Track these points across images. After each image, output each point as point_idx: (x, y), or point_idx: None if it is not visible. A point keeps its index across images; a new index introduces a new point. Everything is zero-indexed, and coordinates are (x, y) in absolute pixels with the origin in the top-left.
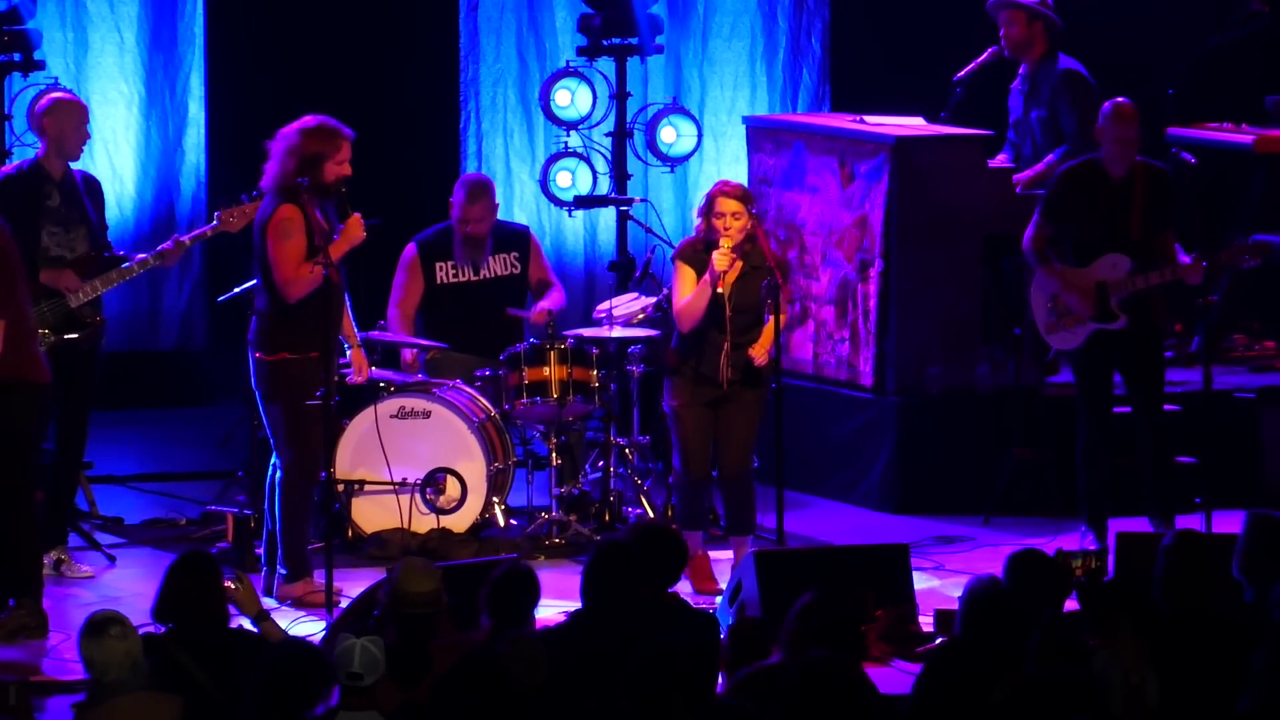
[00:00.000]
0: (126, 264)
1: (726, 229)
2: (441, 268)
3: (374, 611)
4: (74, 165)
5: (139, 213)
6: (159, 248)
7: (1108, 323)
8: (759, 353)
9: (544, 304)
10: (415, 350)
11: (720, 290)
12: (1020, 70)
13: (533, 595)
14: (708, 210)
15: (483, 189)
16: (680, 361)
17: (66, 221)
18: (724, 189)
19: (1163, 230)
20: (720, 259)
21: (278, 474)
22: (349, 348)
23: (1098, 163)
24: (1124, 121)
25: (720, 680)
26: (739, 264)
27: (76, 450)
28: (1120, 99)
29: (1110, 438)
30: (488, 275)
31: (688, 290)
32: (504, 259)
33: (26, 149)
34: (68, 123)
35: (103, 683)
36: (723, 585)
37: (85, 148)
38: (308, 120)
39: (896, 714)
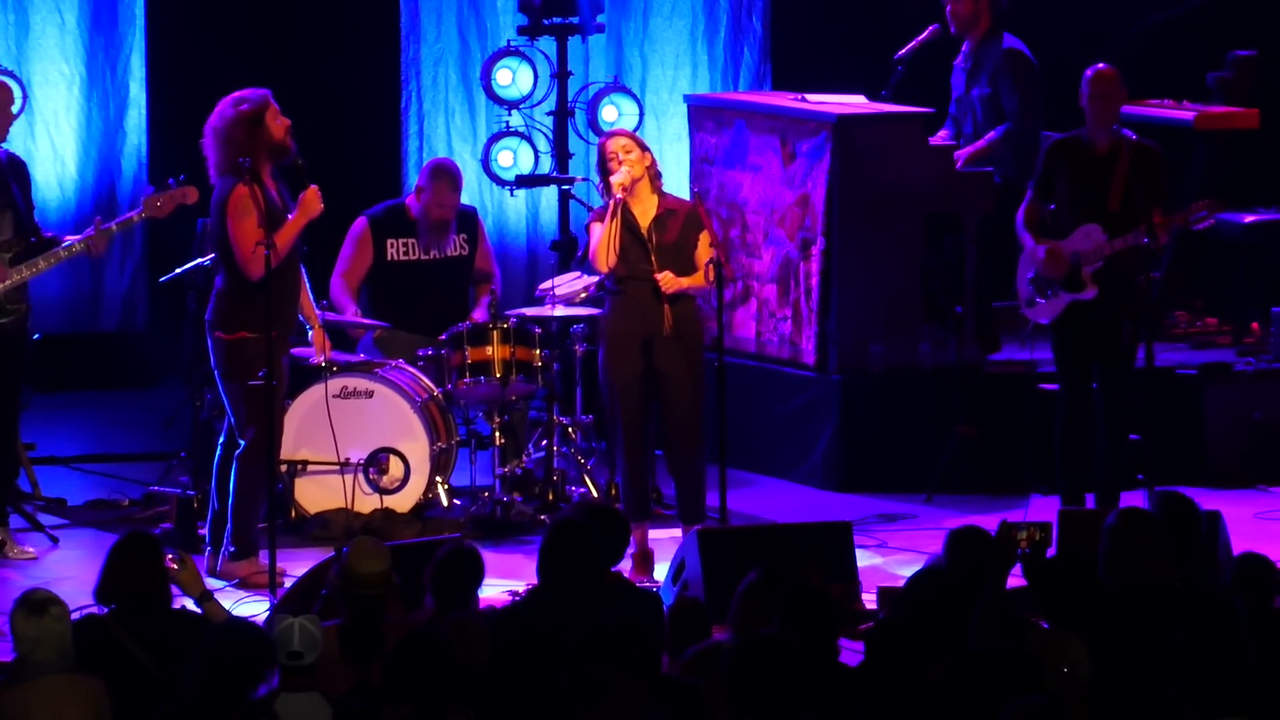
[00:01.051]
0: (53, 250)
1: (622, 162)
2: (393, 245)
3: (321, 591)
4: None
5: (80, 193)
6: (84, 234)
7: (1077, 292)
8: (666, 277)
9: (479, 312)
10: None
11: (619, 197)
12: (963, 48)
13: (476, 575)
14: (601, 164)
15: (458, 176)
16: (610, 318)
17: None
18: (610, 135)
19: (1151, 205)
20: (617, 176)
21: (226, 453)
22: (310, 328)
23: (1081, 137)
24: (1101, 80)
25: (663, 660)
26: (634, 174)
27: (8, 435)
28: (1100, 64)
29: (1087, 419)
30: (438, 255)
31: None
32: (456, 240)
33: None
34: None
35: (30, 660)
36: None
37: (26, 129)
38: (223, 102)
39: (856, 689)
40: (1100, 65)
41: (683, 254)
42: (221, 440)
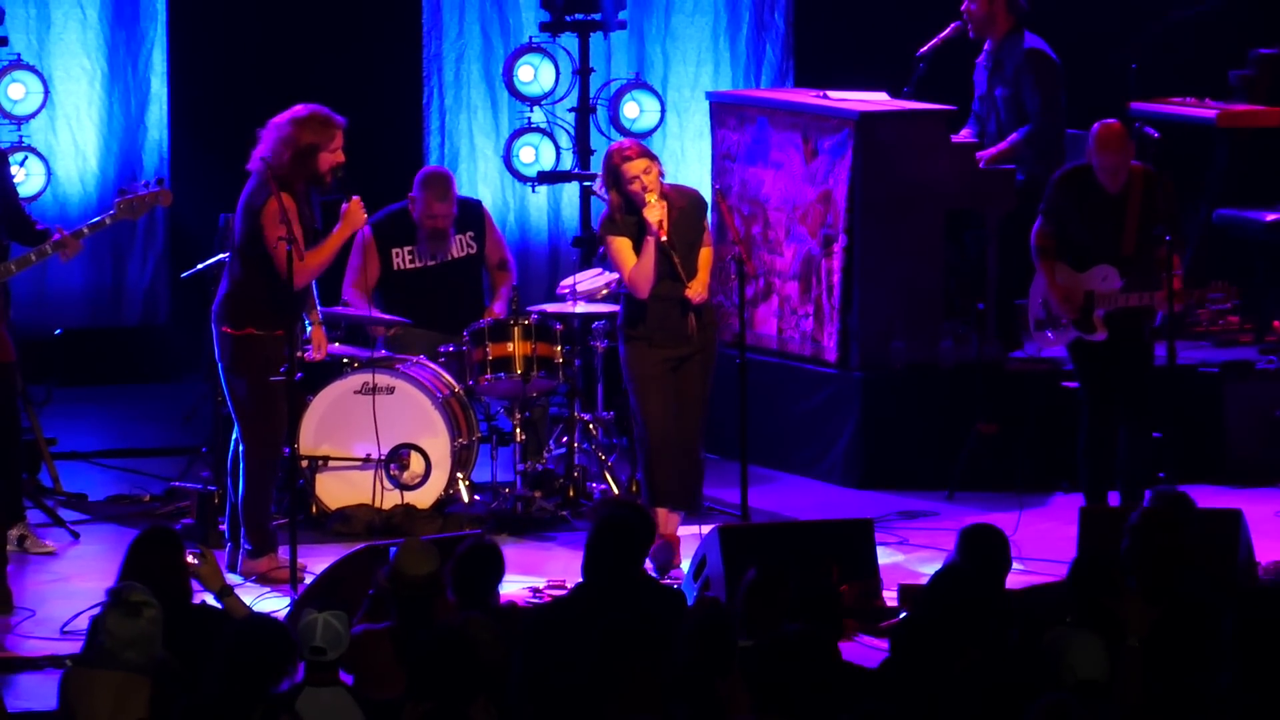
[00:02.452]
0: (24, 255)
1: (645, 187)
2: (398, 254)
3: (369, 591)
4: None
5: (102, 188)
6: (55, 237)
7: (1088, 333)
8: (696, 289)
9: (499, 305)
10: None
11: (663, 239)
12: (985, 46)
13: (497, 571)
14: (615, 181)
15: (447, 184)
16: (635, 325)
17: None
18: (625, 154)
19: (1159, 242)
20: (652, 211)
21: (241, 449)
22: (310, 324)
23: (1092, 171)
24: (1108, 149)
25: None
26: (664, 204)
27: (12, 431)
28: (1108, 120)
29: (1113, 432)
30: (444, 259)
31: (632, 258)
32: (460, 240)
33: None
34: None
35: (117, 657)
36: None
37: (48, 123)
38: (299, 110)
39: (863, 688)
40: (1108, 123)
41: (695, 248)
42: (236, 435)
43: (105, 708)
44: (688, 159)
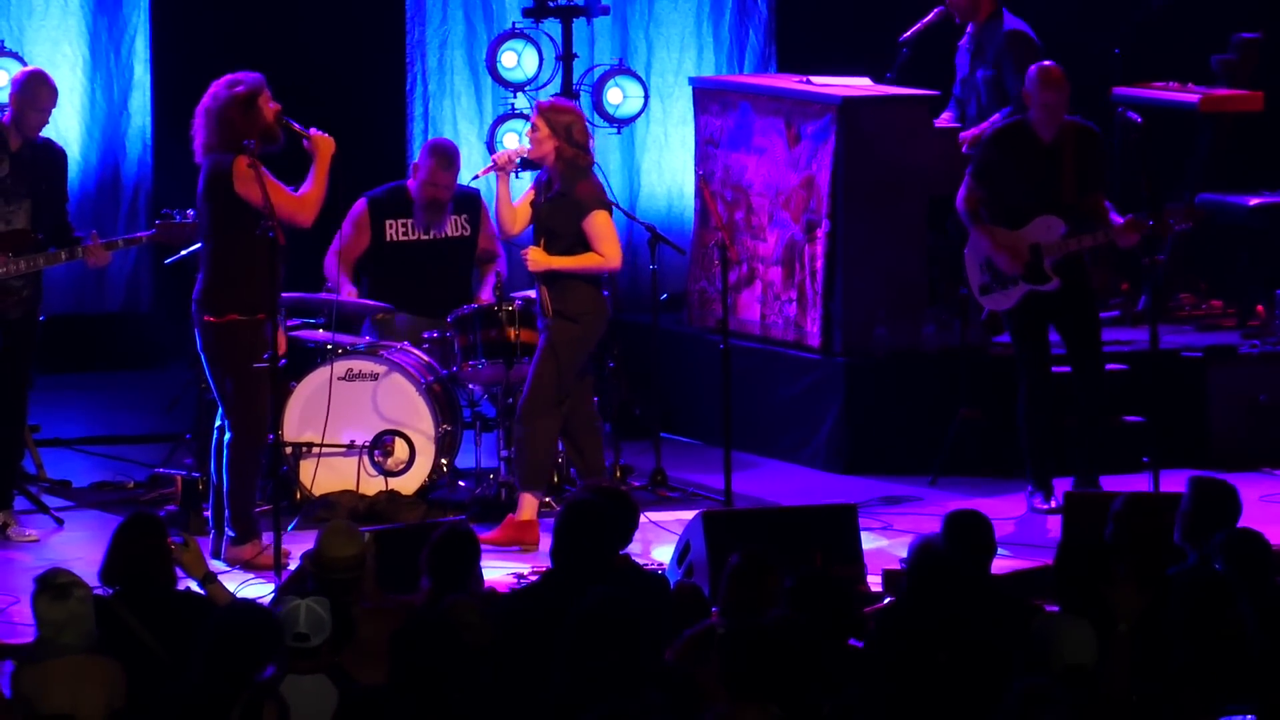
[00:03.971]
0: (55, 251)
1: (533, 138)
2: (392, 225)
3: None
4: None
5: (84, 175)
6: (86, 243)
7: (1040, 284)
8: (530, 252)
9: (485, 292)
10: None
11: (537, 204)
12: (967, 30)
13: (473, 556)
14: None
15: (454, 156)
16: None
17: (10, 194)
18: (536, 102)
19: (1094, 190)
20: (498, 156)
21: (225, 436)
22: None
23: (1026, 124)
24: (1051, 86)
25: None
26: (508, 156)
27: (17, 418)
28: (1047, 62)
29: (1050, 396)
30: (438, 235)
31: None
32: (455, 220)
33: None
34: (30, 99)
35: (54, 642)
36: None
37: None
38: (216, 83)
39: (845, 673)
40: (1048, 64)
41: (566, 239)
42: (219, 422)
43: (62, 697)
44: (671, 145)
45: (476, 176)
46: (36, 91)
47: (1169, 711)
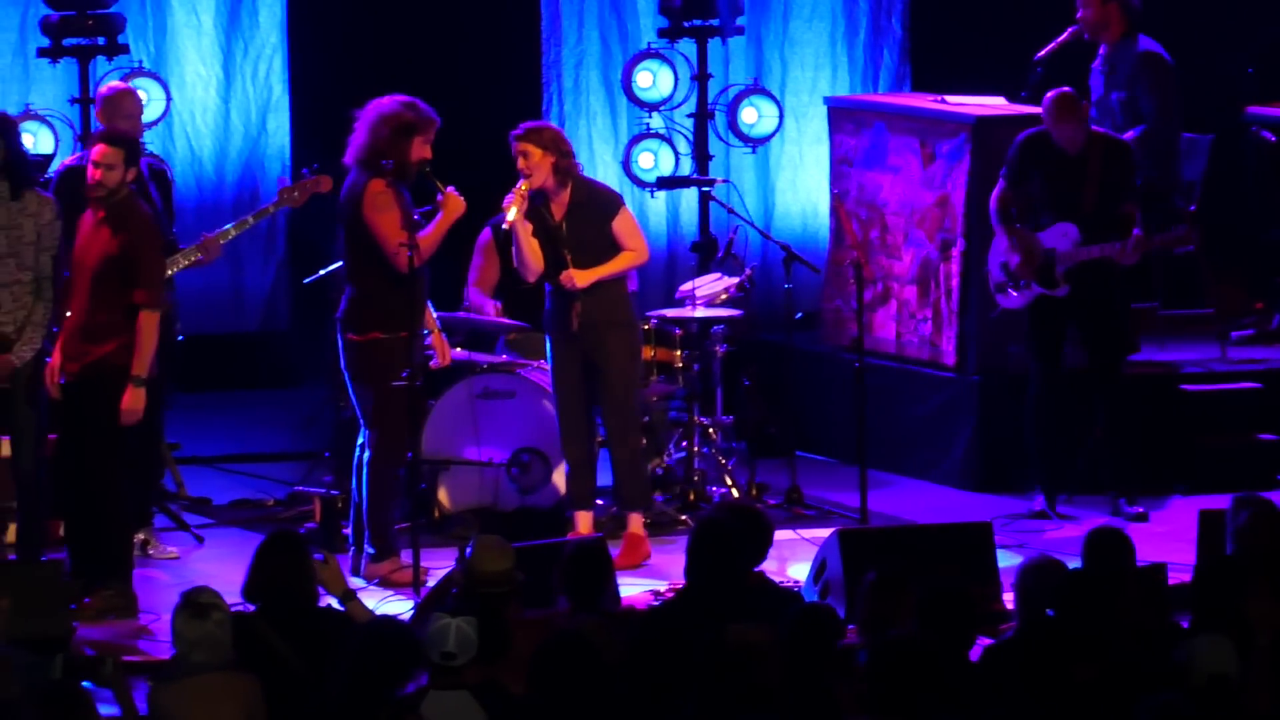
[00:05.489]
0: (172, 257)
1: (522, 171)
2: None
3: (452, 590)
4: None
5: (219, 195)
6: (202, 239)
7: (1049, 289)
8: (567, 275)
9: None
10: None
11: (553, 225)
12: (1100, 50)
13: (606, 572)
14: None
15: None
16: (546, 320)
17: None
18: (513, 133)
19: (1121, 202)
20: (508, 205)
21: (365, 454)
22: (429, 334)
23: (1052, 134)
24: (1060, 118)
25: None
26: (518, 202)
27: (155, 434)
28: (1063, 89)
29: (1056, 402)
30: None
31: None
32: None
33: None
34: (117, 113)
35: (187, 659)
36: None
37: (165, 131)
38: (397, 98)
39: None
40: (1063, 92)
41: (596, 246)
42: (361, 440)
43: (198, 715)
44: (805, 164)
45: (505, 229)
46: (120, 102)
47: None
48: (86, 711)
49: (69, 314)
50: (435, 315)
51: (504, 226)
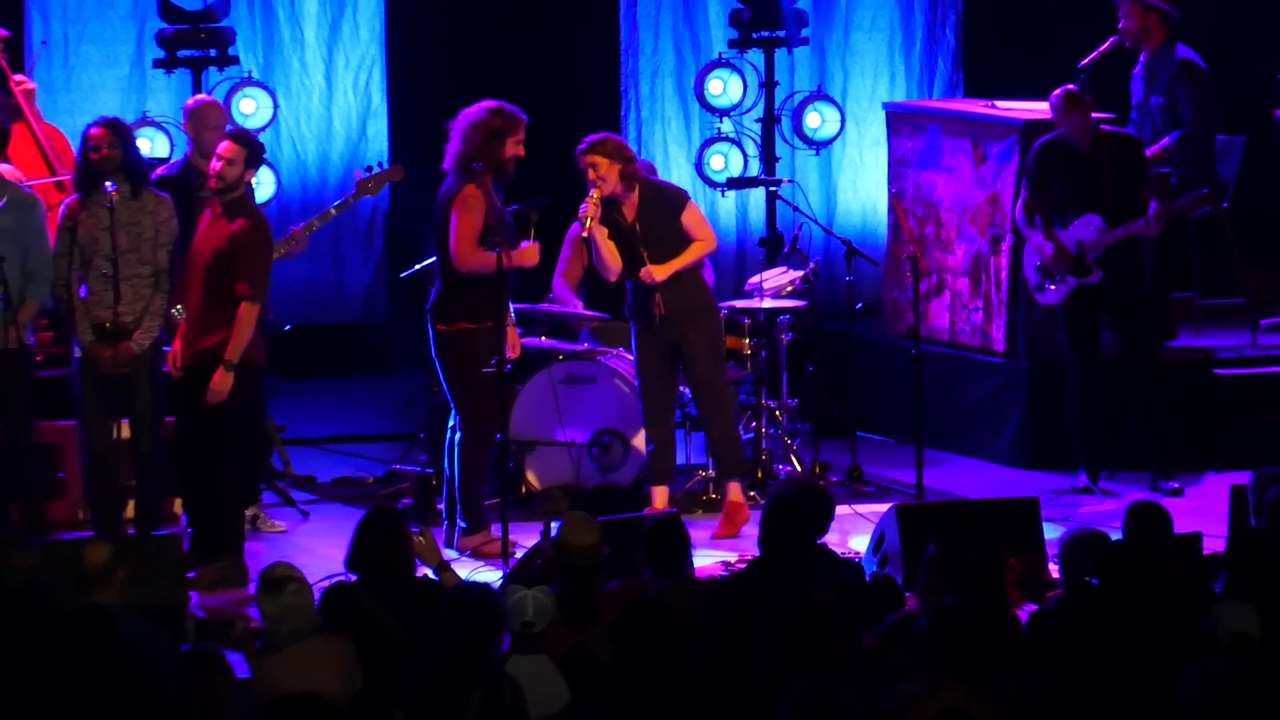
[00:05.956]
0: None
1: (592, 182)
2: None
3: (537, 562)
4: None
5: (323, 196)
6: (290, 232)
7: (1084, 277)
8: (646, 271)
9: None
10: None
11: (585, 235)
12: (1141, 58)
13: (684, 544)
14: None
15: None
16: (630, 310)
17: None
18: (578, 148)
19: (1137, 189)
20: (584, 215)
21: (456, 435)
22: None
23: (1064, 136)
24: (1072, 110)
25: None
26: (593, 210)
27: (262, 417)
28: (1069, 86)
29: (1096, 386)
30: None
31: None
32: None
33: None
34: (202, 124)
35: (280, 631)
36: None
37: (273, 137)
38: (490, 102)
39: (1030, 653)
40: (1068, 90)
41: (668, 239)
42: (452, 423)
43: (297, 681)
44: (865, 165)
45: (585, 237)
46: (205, 114)
47: None
48: (225, 672)
49: (187, 305)
50: (513, 309)
51: (582, 235)
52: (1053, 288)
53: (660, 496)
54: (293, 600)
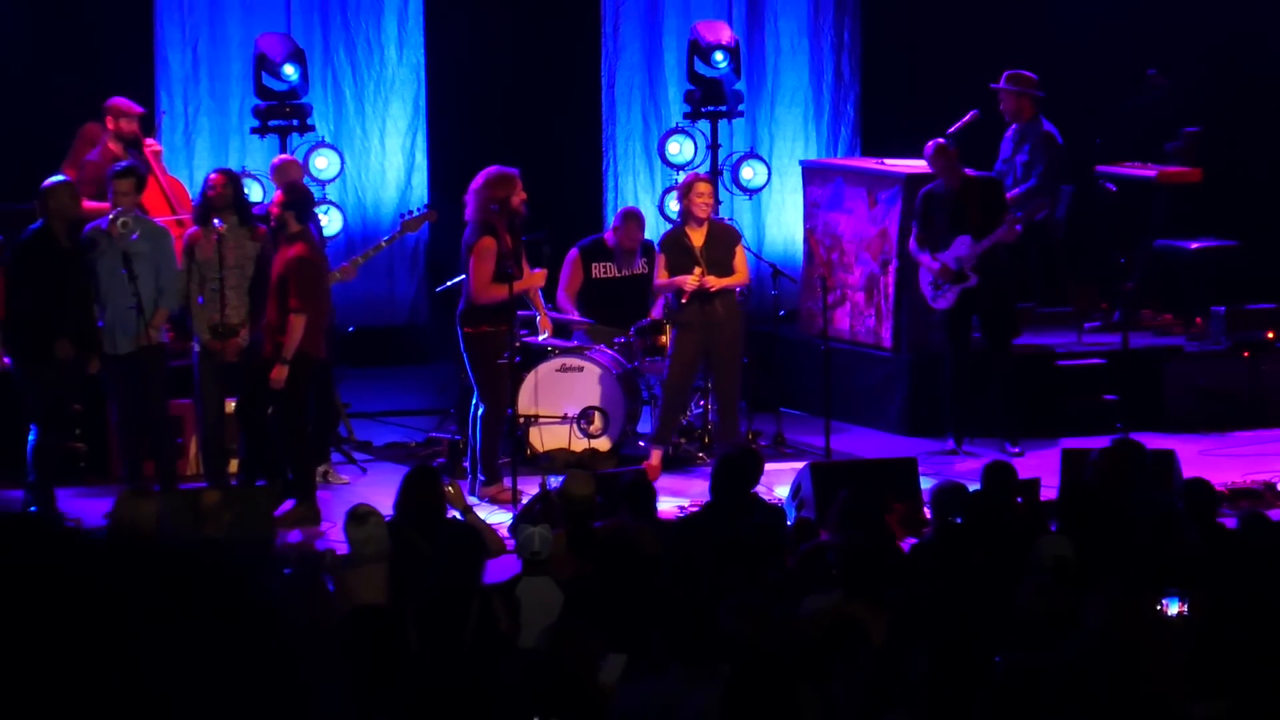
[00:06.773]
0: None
1: (705, 205)
2: (596, 267)
3: (538, 507)
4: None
5: (376, 232)
6: (341, 266)
7: (963, 283)
8: (710, 278)
9: (656, 310)
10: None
11: (694, 247)
12: (1012, 126)
13: (652, 494)
14: (687, 193)
15: (641, 218)
16: (677, 315)
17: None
18: (699, 177)
19: (999, 218)
20: (692, 280)
21: (479, 410)
22: (538, 314)
23: (938, 186)
24: (936, 159)
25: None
26: (699, 279)
27: (328, 397)
28: (940, 139)
29: (968, 372)
30: (628, 273)
31: (663, 275)
32: (641, 261)
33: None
34: (284, 177)
35: (361, 554)
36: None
37: (341, 187)
38: (489, 172)
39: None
40: (939, 140)
41: (725, 264)
42: (475, 401)
43: (363, 594)
44: (787, 207)
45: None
46: (286, 169)
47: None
48: (322, 586)
49: (267, 312)
50: (545, 304)
51: (689, 289)
52: (943, 296)
53: (655, 455)
54: (374, 530)
